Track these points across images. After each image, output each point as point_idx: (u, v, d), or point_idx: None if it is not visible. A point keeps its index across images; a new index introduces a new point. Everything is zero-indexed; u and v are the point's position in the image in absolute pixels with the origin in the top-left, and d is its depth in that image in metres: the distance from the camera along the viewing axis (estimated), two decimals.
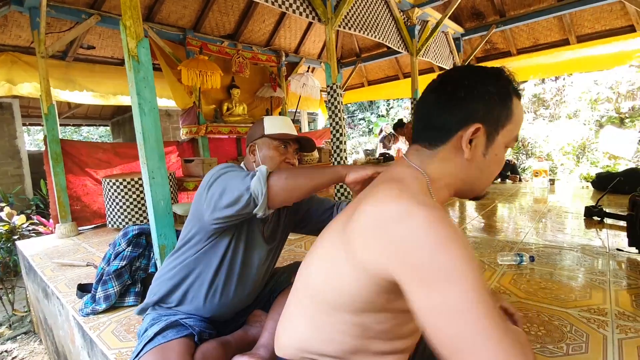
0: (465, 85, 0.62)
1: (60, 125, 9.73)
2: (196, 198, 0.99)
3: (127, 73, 1.52)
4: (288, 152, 1.13)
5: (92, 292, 1.57)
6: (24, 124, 6.64)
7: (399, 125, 5.56)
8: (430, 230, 0.49)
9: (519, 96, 0.64)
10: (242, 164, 1.15)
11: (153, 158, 1.53)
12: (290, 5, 2.64)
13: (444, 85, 0.64)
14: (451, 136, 0.62)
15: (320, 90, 5.70)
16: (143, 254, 1.63)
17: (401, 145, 5.75)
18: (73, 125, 10.76)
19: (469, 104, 0.61)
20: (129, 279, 1.57)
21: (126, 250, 1.56)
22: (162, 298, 1.05)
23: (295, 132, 1.15)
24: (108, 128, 10.93)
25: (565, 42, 4.92)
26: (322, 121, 7.06)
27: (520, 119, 0.64)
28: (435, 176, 0.64)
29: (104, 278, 1.53)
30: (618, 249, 2.02)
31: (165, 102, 4.60)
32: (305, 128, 8.13)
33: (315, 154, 4.74)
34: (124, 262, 1.54)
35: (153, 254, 1.63)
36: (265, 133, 1.11)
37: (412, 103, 4.26)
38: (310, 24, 5.16)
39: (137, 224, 1.75)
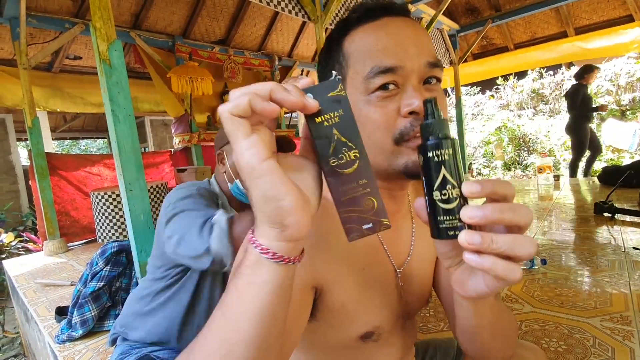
0: None
1: (58, 139, 9.70)
2: (158, 228, 0.87)
3: (99, 78, 1.42)
4: None
5: (68, 316, 1.45)
6: (19, 139, 6.56)
7: None
8: None
9: (354, 25, 0.48)
10: (213, 177, 1.04)
11: (130, 169, 1.42)
12: (279, 3, 2.55)
13: None
14: None
15: None
16: (124, 273, 1.51)
17: None
18: (70, 138, 10.72)
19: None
20: (108, 301, 1.45)
21: (104, 269, 1.44)
22: (132, 330, 0.93)
23: None
24: (105, 140, 10.88)
25: (563, 35, 4.82)
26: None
27: (365, 43, 0.47)
28: None
29: (80, 301, 1.40)
30: (635, 248, 1.89)
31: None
32: None
33: None
34: (102, 283, 1.42)
35: (135, 272, 1.51)
36: None
37: None
38: (302, 26, 5.08)
39: (118, 240, 1.63)
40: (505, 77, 8.17)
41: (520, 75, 7.73)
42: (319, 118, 0.31)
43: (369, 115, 0.46)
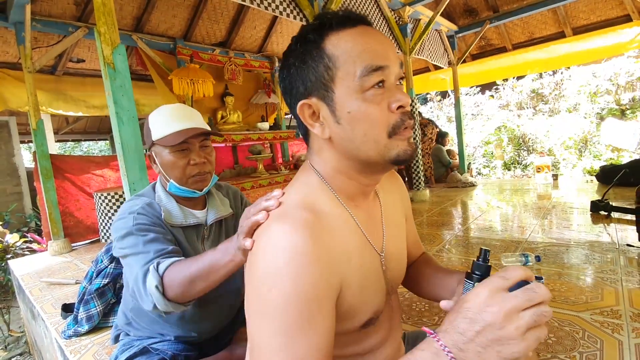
0: (283, 67, 0.56)
1: (60, 141, 9.76)
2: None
3: (104, 81, 1.46)
4: (192, 152, 0.93)
5: (74, 312, 1.49)
6: (22, 141, 6.62)
7: None
8: (260, 260, 0.47)
9: (331, 29, 0.52)
10: (157, 180, 1.01)
11: (133, 169, 1.47)
12: (277, 6, 2.59)
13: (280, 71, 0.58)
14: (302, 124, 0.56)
15: None
16: None
17: None
18: (72, 140, 10.80)
19: (287, 84, 0.56)
20: (112, 298, 1.49)
21: (109, 267, 1.48)
22: (131, 323, 0.97)
23: (191, 121, 0.94)
24: (107, 142, 10.95)
25: (561, 35, 4.85)
26: None
27: (352, 47, 0.50)
28: (323, 169, 0.56)
29: (85, 298, 1.45)
30: (628, 245, 1.93)
31: None
32: None
33: None
34: (107, 280, 1.46)
35: None
36: (154, 139, 0.93)
37: None
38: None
39: None
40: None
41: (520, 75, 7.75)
42: None
43: (368, 112, 0.50)
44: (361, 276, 0.53)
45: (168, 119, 0.92)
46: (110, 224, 3.00)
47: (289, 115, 5.37)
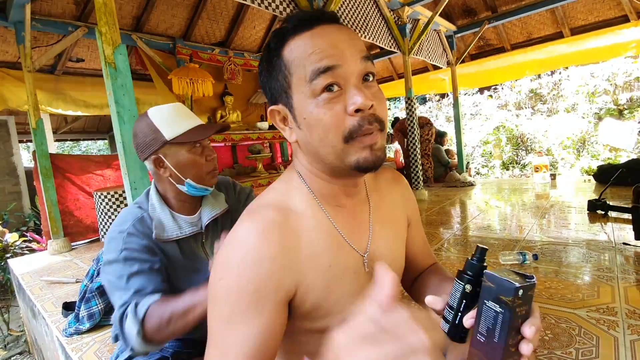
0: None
1: (59, 140, 9.75)
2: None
3: (105, 81, 1.47)
4: (205, 148, 0.94)
5: (75, 310, 1.50)
6: (21, 141, 6.61)
7: (394, 124, 5.51)
8: (222, 250, 0.50)
9: (289, 34, 0.50)
10: (153, 186, 0.96)
11: (134, 169, 1.48)
12: (277, 6, 2.60)
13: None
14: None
15: None
16: None
17: (398, 145, 5.67)
18: (71, 140, 10.79)
19: (263, 90, 0.58)
20: None
21: None
22: None
23: (196, 118, 0.94)
24: (106, 141, 10.95)
25: (559, 35, 4.87)
26: None
27: (302, 51, 0.49)
28: (301, 169, 0.57)
29: (87, 296, 1.46)
30: (624, 243, 1.95)
31: None
32: None
33: None
34: None
35: None
36: (168, 139, 0.88)
37: (406, 102, 4.20)
38: None
39: None
40: None
41: None
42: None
43: (319, 117, 0.48)
44: (329, 277, 0.53)
45: (178, 118, 0.91)
46: (110, 223, 3.02)
47: None
